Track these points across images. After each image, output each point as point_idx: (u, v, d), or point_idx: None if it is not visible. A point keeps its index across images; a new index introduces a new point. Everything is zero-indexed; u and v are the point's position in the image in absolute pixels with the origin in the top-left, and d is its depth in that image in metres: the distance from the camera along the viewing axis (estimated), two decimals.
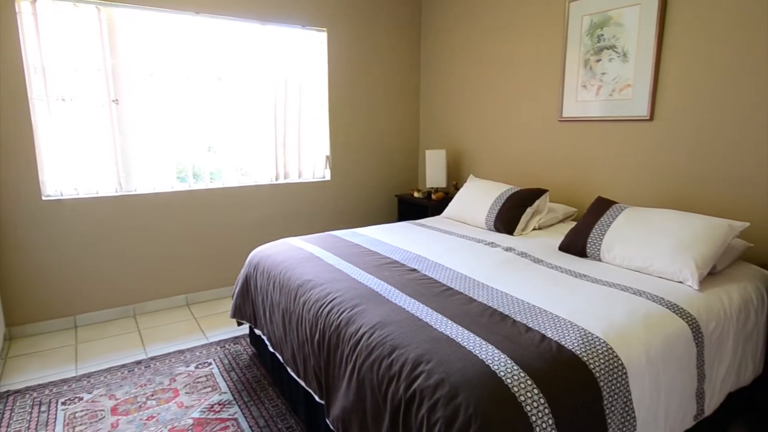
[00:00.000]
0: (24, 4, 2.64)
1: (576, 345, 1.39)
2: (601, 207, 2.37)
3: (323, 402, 1.72)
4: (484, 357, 1.31)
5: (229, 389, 2.28)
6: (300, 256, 2.29)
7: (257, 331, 2.39)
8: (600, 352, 1.39)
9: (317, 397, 1.77)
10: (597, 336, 1.45)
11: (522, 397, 1.19)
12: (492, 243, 2.50)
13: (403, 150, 4.27)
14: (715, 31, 2.26)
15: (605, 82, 2.74)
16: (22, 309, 2.85)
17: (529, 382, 1.23)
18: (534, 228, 2.79)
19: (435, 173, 3.77)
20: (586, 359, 1.35)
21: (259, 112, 3.49)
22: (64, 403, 2.18)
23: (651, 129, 2.57)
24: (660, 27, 2.45)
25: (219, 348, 2.70)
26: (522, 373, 1.25)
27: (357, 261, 2.19)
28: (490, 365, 1.27)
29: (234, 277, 3.50)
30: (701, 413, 1.69)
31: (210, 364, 2.52)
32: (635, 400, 1.40)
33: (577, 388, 1.29)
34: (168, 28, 3.07)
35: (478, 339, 1.41)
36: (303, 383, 1.89)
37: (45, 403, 2.18)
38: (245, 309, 2.49)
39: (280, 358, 2.12)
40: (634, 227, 2.14)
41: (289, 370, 2.01)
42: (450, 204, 3.25)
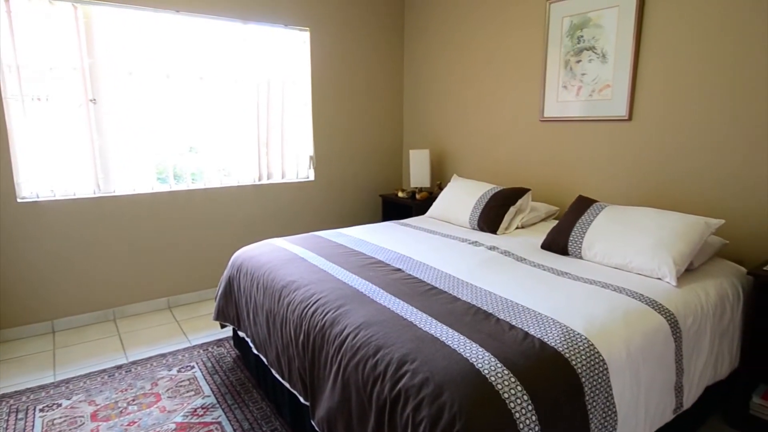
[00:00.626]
0: None
1: (558, 342, 1.41)
2: (582, 206, 2.40)
3: (308, 403, 1.71)
4: (468, 355, 1.32)
5: (213, 393, 2.25)
6: (284, 257, 2.27)
7: (241, 334, 2.37)
8: (581, 348, 1.41)
9: (302, 399, 1.76)
10: (579, 333, 1.47)
11: (506, 395, 1.21)
12: (476, 242, 2.52)
13: (387, 150, 4.28)
14: (691, 34, 2.32)
15: (585, 82, 2.78)
16: None
17: (513, 379, 1.25)
18: (517, 227, 2.82)
19: (419, 173, 3.79)
20: (568, 356, 1.37)
21: (242, 111, 3.46)
22: (42, 410, 2.13)
23: (630, 129, 2.62)
24: (638, 29, 2.50)
25: (202, 351, 2.66)
26: (505, 371, 1.26)
27: (341, 261, 2.18)
28: (474, 363, 1.28)
29: (217, 279, 3.46)
30: (680, 407, 1.72)
31: (193, 367, 2.49)
32: (616, 395, 1.42)
33: (560, 384, 1.31)
34: (147, 26, 3.02)
35: (462, 337, 1.42)
36: (288, 385, 1.88)
37: (22, 410, 2.12)
38: (228, 311, 2.46)
39: (264, 360, 2.10)
40: (613, 225, 2.18)
41: (274, 372, 2.00)
42: (434, 204, 3.26)
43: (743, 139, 2.19)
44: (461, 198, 3.04)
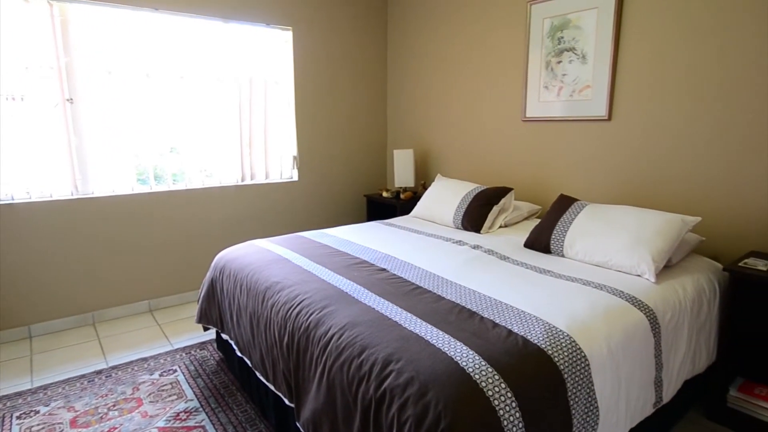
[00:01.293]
0: None
1: (541, 339, 1.43)
2: (564, 204, 2.44)
3: (293, 405, 1.70)
4: (452, 354, 1.33)
5: (196, 396, 2.22)
6: (267, 258, 2.25)
7: (224, 336, 2.34)
8: (564, 345, 1.43)
9: (287, 401, 1.75)
10: (561, 330, 1.49)
11: (490, 392, 1.22)
12: (460, 241, 2.53)
13: (371, 150, 4.28)
14: (668, 36, 2.37)
15: (566, 83, 2.82)
16: None
17: (497, 377, 1.26)
18: (500, 226, 2.85)
19: (403, 173, 3.79)
20: (550, 353, 1.39)
21: (224, 111, 3.42)
22: (19, 417, 2.07)
23: (609, 128, 2.66)
24: (617, 30, 2.54)
25: (184, 354, 2.63)
26: (490, 369, 1.27)
27: (326, 262, 2.18)
28: (458, 362, 1.29)
29: (199, 282, 3.41)
30: (660, 401, 1.76)
31: (175, 371, 2.45)
32: (598, 390, 1.45)
33: (543, 381, 1.33)
34: (126, 24, 2.96)
35: (446, 336, 1.43)
36: (272, 387, 1.86)
37: None
38: (211, 313, 2.43)
39: (248, 362, 2.08)
40: (594, 224, 2.21)
41: (258, 374, 1.98)
42: (418, 203, 3.27)
43: (719, 139, 2.25)
44: (445, 197, 3.05)
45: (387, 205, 3.96)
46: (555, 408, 1.32)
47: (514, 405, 1.22)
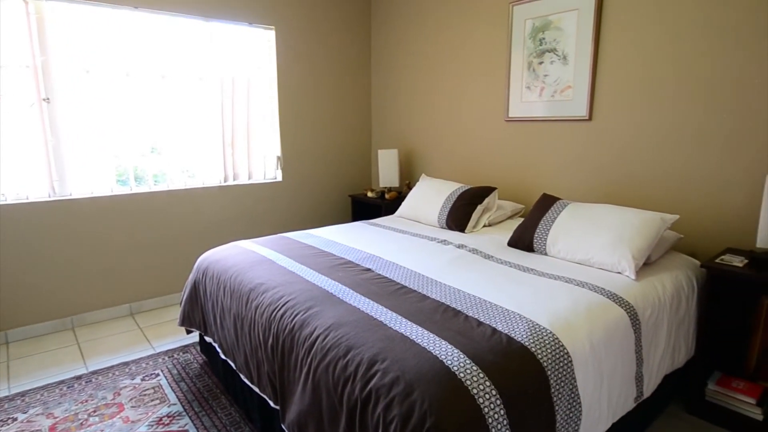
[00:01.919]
0: None
1: (525, 337, 1.44)
2: (546, 203, 2.47)
3: (278, 407, 1.69)
4: (437, 353, 1.33)
5: (179, 400, 2.19)
6: (251, 259, 2.23)
7: (208, 339, 2.32)
8: (547, 342, 1.45)
9: (272, 403, 1.74)
10: (544, 327, 1.51)
11: (475, 390, 1.22)
12: (444, 240, 2.55)
13: (356, 150, 4.27)
14: (646, 37, 2.41)
15: (547, 83, 2.86)
16: None
17: (482, 375, 1.26)
18: (484, 225, 2.87)
19: (388, 173, 3.80)
20: (534, 350, 1.40)
21: (206, 111, 3.38)
22: None
23: (590, 128, 2.70)
24: (596, 32, 2.58)
25: (167, 358, 2.59)
26: (474, 367, 1.28)
27: (310, 262, 2.17)
28: (443, 361, 1.30)
29: (181, 284, 3.37)
30: (641, 395, 1.79)
31: (157, 375, 2.41)
32: (580, 386, 1.47)
33: (527, 378, 1.34)
34: (105, 22, 2.91)
35: (431, 335, 1.43)
36: (257, 389, 1.85)
37: None
38: (194, 316, 2.40)
39: (232, 365, 2.06)
40: (576, 222, 2.24)
41: (242, 376, 1.96)
42: (403, 203, 3.28)
43: (695, 139, 2.30)
44: (430, 197, 3.07)
45: (372, 205, 3.96)
46: (539, 404, 1.34)
47: (498, 402, 1.23)
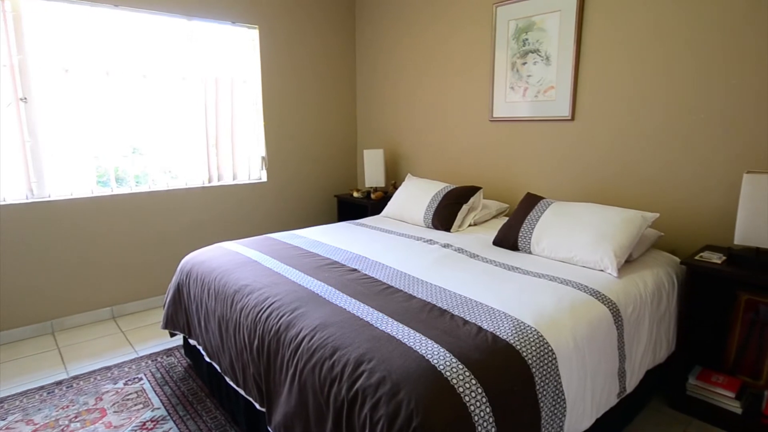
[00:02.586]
0: None
1: (510, 335, 1.45)
2: (530, 202, 2.49)
3: (264, 410, 1.68)
4: (424, 352, 1.34)
5: (163, 404, 2.16)
6: (236, 260, 2.21)
7: (192, 342, 2.29)
8: (531, 340, 1.46)
9: (258, 405, 1.72)
10: (529, 325, 1.52)
11: (461, 389, 1.23)
12: (430, 240, 2.55)
13: (341, 150, 4.26)
14: (627, 38, 2.45)
15: (531, 84, 2.89)
16: None
17: (467, 373, 1.27)
18: (470, 224, 2.89)
19: (373, 173, 3.80)
20: (519, 348, 1.41)
21: (189, 111, 3.34)
22: None
23: (573, 128, 2.74)
24: (578, 33, 2.61)
25: (150, 362, 2.55)
26: (460, 366, 1.29)
27: (296, 263, 2.15)
28: (429, 360, 1.30)
29: (164, 286, 3.32)
30: (624, 391, 1.82)
31: (141, 379, 2.38)
32: (564, 383, 1.48)
33: (512, 375, 1.35)
34: (84, 21, 2.85)
35: (418, 335, 1.44)
36: (243, 392, 1.83)
37: None
38: (178, 319, 2.37)
39: (217, 367, 2.04)
40: (559, 221, 2.27)
41: (228, 379, 1.94)
42: (389, 203, 3.28)
43: (675, 138, 2.34)
44: (415, 197, 3.07)
45: (358, 206, 3.96)
46: (524, 401, 1.35)
47: (484, 400, 1.24)
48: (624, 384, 1.82)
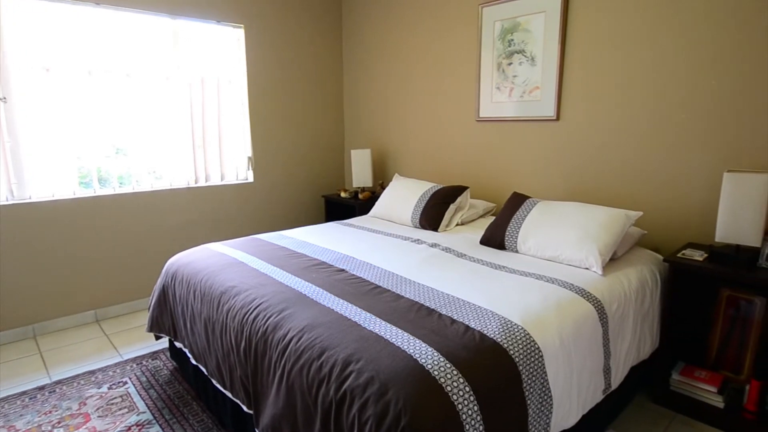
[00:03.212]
0: None
1: (497, 333, 1.46)
2: (517, 202, 2.51)
3: (252, 412, 1.66)
4: (412, 352, 1.34)
5: (149, 408, 2.13)
6: (222, 262, 2.19)
7: (178, 344, 2.26)
8: (518, 338, 1.47)
9: (245, 408, 1.71)
10: (515, 323, 1.53)
11: (449, 388, 1.23)
12: (418, 240, 2.56)
13: (329, 150, 4.25)
14: (611, 39, 2.48)
15: (516, 84, 2.91)
16: None
17: (455, 372, 1.28)
18: (457, 224, 2.90)
19: (361, 173, 3.79)
20: (506, 346, 1.42)
21: (174, 111, 3.30)
22: None
23: (558, 128, 2.76)
24: (563, 34, 2.64)
25: (135, 365, 2.51)
26: (448, 365, 1.29)
27: (283, 264, 2.14)
28: (417, 359, 1.30)
29: (149, 289, 3.27)
30: (609, 387, 1.84)
31: (125, 383, 2.34)
32: (551, 380, 1.50)
33: (499, 374, 1.36)
34: (65, 19, 2.80)
35: (405, 335, 1.44)
36: (230, 394, 1.81)
37: None
38: (163, 321, 2.34)
39: (203, 370, 2.02)
40: (545, 220, 2.29)
41: (215, 382, 1.92)
42: (376, 203, 3.28)
43: (658, 138, 2.38)
44: (403, 197, 3.08)
45: (346, 206, 3.95)
46: (511, 399, 1.36)
47: (472, 399, 1.24)
48: (609, 380, 1.84)
